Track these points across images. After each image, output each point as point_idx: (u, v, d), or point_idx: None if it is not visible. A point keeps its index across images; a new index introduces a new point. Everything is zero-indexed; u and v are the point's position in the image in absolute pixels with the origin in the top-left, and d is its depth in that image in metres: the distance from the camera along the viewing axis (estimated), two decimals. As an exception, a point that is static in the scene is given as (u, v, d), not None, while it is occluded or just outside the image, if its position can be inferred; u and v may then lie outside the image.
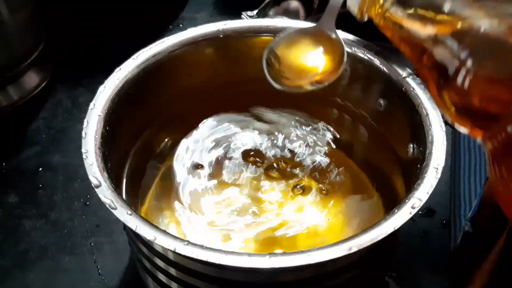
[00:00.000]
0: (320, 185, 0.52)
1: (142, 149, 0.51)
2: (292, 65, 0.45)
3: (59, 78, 0.68)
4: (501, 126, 0.30)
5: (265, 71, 0.46)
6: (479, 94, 0.31)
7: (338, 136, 0.55)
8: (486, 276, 0.43)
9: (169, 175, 0.52)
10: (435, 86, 0.33)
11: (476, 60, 0.31)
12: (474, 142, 0.57)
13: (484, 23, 0.31)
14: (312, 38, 0.44)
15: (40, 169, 0.60)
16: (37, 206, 0.57)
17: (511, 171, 0.31)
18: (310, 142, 0.54)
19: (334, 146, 0.54)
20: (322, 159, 0.54)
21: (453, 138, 0.59)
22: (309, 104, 0.55)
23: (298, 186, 0.51)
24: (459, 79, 0.31)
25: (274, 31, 0.52)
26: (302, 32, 0.46)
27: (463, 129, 0.33)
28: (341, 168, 0.53)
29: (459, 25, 0.31)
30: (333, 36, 0.47)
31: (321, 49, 0.45)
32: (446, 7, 0.32)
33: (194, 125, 0.55)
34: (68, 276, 0.52)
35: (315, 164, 0.53)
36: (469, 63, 0.31)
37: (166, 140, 0.54)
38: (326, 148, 0.54)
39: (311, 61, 0.46)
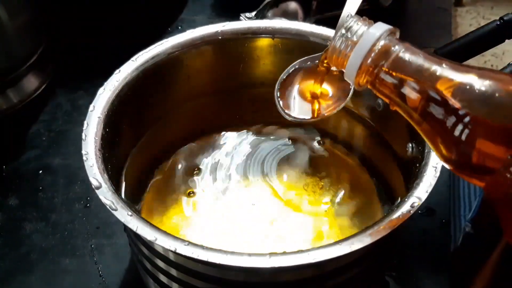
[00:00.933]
0: (320, 184, 0.52)
1: (142, 151, 0.51)
2: (301, 95, 0.47)
3: (59, 81, 0.68)
4: (501, 175, 0.32)
5: (277, 103, 0.47)
6: (476, 146, 0.33)
7: (337, 136, 0.55)
8: (487, 277, 0.43)
9: (169, 177, 0.53)
10: (431, 140, 0.35)
11: (470, 115, 0.33)
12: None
13: (474, 81, 0.34)
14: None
15: (40, 171, 0.60)
16: (38, 209, 0.57)
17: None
18: (308, 143, 0.55)
19: (333, 146, 0.55)
20: (321, 160, 0.54)
21: (452, 137, 0.59)
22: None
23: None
24: (456, 133, 0.34)
25: (272, 32, 0.52)
26: (310, 62, 0.47)
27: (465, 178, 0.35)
28: (340, 168, 0.53)
29: (449, 86, 0.34)
30: None
31: (329, 77, 0.46)
32: (437, 72, 0.35)
33: (194, 129, 0.55)
34: (69, 278, 0.52)
35: (313, 163, 0.54)
36: (466, 119, 0.33)
37: (166, 142, 0.54)
38: (325, 148, 0.55)
39: (320, 91, 0.47)
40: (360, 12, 0.67)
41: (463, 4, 1.43)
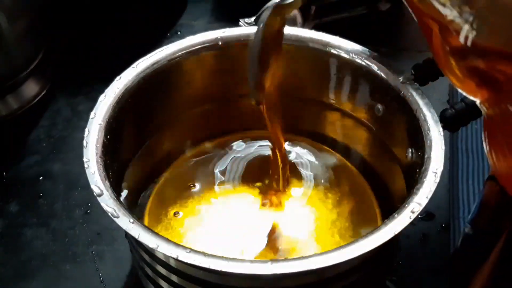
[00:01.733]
0: (320, 190, 0.52)
1: (143, 158, 0.51)
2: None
3: (59, 87, 0.68)
4: (506, 95, 0.31)
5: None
6: (485, 54, 0.32)
7: (337, 141, 0.55)
8: (486, 278, 0.44)
9: (171, 184, 0.53)
10: (441, 47, 0.34)
11: (482, 20, 0.31)
12: (472, 144, 0.58)
13: None
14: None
15: (41, 177, 0.60)
16: (38, 215, 0.57)
17: (507, 139, 0.32)
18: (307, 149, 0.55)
19: (333, 152, 0.55)
20: (320, 164, 0.54)
21: (451, 141, 0.59)
22: (306, 111, 0.55)
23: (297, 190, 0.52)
24: (467, 40, 0.32)
25: (272, 38, 0.52)
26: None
27: (468, 94, 0.34)
28: (339, 172, 0.53)
29: None
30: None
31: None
32: None
33: (195, 135, 0.55)
34: (70, 285, 0.52)
35: (312, 168, 0.54)
36: (475, 23, 0.31)
37: (167, 149, 0.54)
38: (324, 153, 0.55)
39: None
40: (359, 17, 0.67)
41: (460, 6, 1.43)
